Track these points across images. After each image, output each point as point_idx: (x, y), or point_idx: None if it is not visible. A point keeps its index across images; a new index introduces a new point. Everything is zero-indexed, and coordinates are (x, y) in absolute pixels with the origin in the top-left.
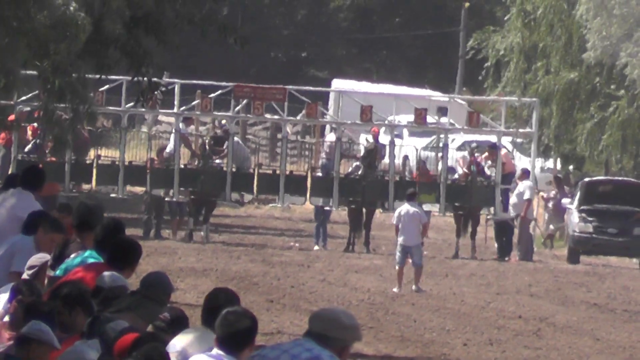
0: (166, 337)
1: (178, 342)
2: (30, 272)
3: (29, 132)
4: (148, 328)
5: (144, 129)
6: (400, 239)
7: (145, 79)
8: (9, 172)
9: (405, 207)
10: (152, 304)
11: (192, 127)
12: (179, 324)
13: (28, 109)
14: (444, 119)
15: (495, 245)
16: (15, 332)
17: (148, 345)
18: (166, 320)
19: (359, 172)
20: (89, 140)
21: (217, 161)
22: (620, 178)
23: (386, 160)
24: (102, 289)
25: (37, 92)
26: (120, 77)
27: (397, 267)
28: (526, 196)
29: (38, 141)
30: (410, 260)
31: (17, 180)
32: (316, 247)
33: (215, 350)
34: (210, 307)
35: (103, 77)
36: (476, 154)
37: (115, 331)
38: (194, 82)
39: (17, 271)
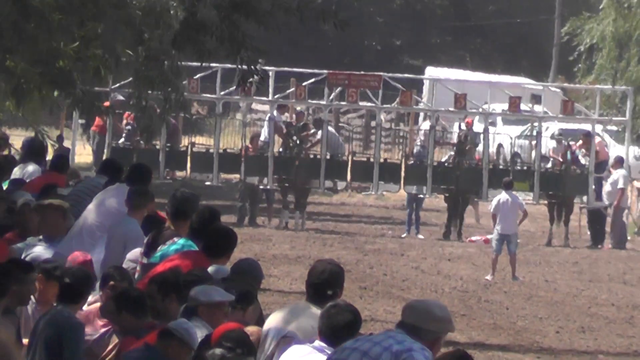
0: (236, 313)
1: (277, 321)
2: (132, 265)
3: (125, 120)
4: None
5: (239, 116)
6: (498, 227)
7: (244, 65)
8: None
9: (503, 196)
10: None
11: (287, 115)
12: (246, 300)
13: (121, 97)
14: (538, 107)
15: (589, 233)
16: (107, 319)
17: (235, 331)
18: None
19: (451, 160)
20: (178, 127)
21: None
22: None
23: (480, 148)
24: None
25: (131, 79)
26: (216, 64)
27: (493, 255)
28: (620, 185)
29: (130, 128)
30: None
31: (113, 167)
32: (404, 235)
33: (318, 342)
34: (313, 281)
35: (203, 64)
36: (571, 142)
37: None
38: (289, 69)
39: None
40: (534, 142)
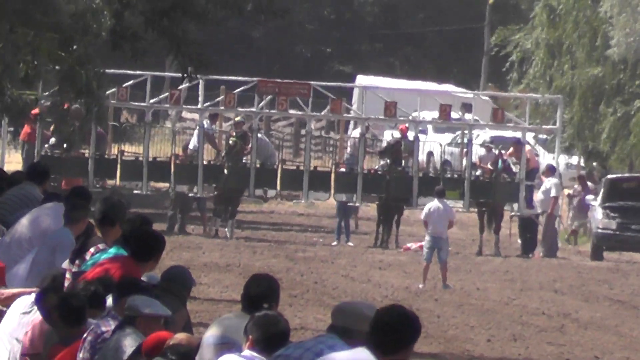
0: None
1: (216, 330)
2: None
3: (52, 127)
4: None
5: (168, 124)
6: (429, 235)
7: (183, 60)
8: None
9: (434, 204)
10: (171, 298)
11: (217, 123)
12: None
13: (47, 103)
14: (468, 115)
15: (519, 241)
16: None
17: (180, 344)
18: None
19: (383, 168)
20: (105, 135)
21: (245, 160)
22: None
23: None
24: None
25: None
26: (145, 72)
27: (424, 263)
28: (552, 193)
29: (53, 138)
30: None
31: (39, 172)
32: (334, 243)
33: (248, 352)
34: (250, 293)
35: (126, 72)
36: (502, 151)
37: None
38: (218, 77)
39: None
40: (464, 150)
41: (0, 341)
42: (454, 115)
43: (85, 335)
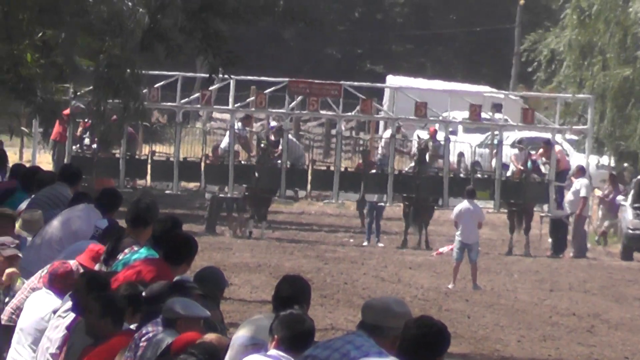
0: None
1: (247, 330)
2: None
3: (80, 129)
4: None
5: (199, 125)
6: (459, 236)
7: (215, 58)
8: None
9: (465, 204)
10: (204, 299)
11: (256, 125)
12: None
13: (82, 105)
14: (498, 116)
15: (550, 241)
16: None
17: (207, 343)
18: None
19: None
20: (136, 136)
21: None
22: None
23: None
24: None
25: (91, 87)
26: (176, 72)
27: (454, 263)
28: (582, 194)
29: (86, 138)
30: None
31: (72, 173)
32: (365, 243)
33: (274, 351)
34: (281, 295)
35: (155, 72)
36: (532, 151)
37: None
38: (249, 78)
39: None
40: (494, 151)
41: (18, 338)
42: (484, 115)
43: (135, 335)
